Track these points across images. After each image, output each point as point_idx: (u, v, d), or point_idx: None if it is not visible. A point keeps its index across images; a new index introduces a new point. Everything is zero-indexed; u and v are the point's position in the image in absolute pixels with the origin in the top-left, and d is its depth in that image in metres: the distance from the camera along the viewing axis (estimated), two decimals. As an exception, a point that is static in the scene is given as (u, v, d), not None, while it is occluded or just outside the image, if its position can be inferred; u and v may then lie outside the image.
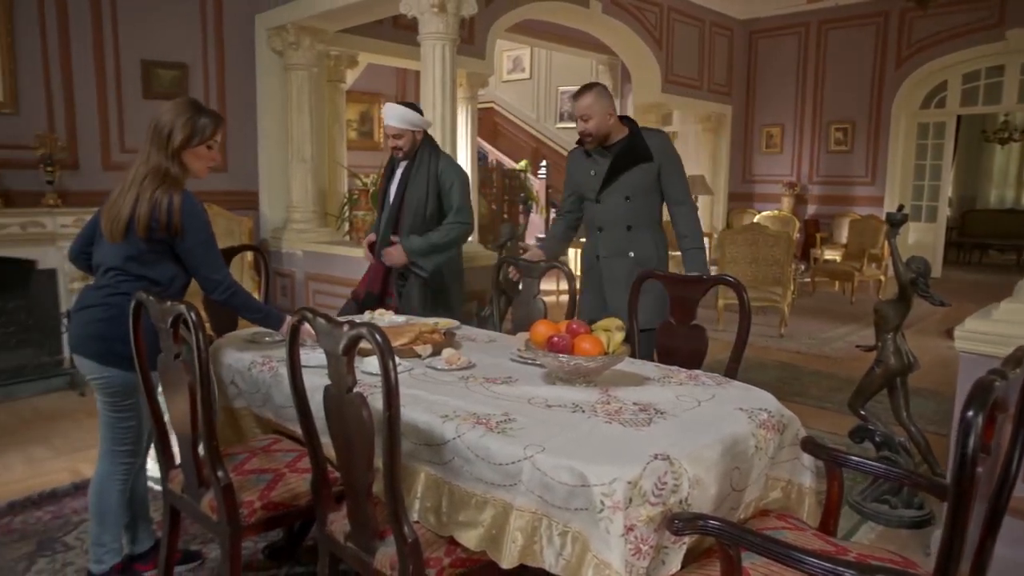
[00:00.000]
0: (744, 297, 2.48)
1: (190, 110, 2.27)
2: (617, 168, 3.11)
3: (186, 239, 2.24)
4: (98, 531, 2.33)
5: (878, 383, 2.99)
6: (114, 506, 2.33)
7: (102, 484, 2.32)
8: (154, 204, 2.18)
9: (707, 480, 1.59)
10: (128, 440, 2.32)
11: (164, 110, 2.28)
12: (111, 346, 2.23)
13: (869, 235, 8.85)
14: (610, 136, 3.12)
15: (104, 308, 2.26)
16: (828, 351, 6.04)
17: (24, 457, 3.55)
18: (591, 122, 3.07)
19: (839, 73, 10.21)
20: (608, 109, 3.07)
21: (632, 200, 3.14)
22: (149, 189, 2.20)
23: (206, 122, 2.29)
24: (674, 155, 3.18)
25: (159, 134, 2.24)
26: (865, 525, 2.88)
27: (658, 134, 3.20)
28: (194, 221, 2.24)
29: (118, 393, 2.27)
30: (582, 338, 1.99)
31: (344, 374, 1.60)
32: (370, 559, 1.74)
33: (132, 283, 2.25)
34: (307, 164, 5.94)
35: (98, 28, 5.26)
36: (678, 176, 3.16)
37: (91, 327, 2.26)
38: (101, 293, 2.28)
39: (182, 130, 2.24)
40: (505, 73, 13.02)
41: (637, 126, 3.16)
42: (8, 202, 4.74)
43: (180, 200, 2.21)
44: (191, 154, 2.28)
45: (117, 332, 2.21)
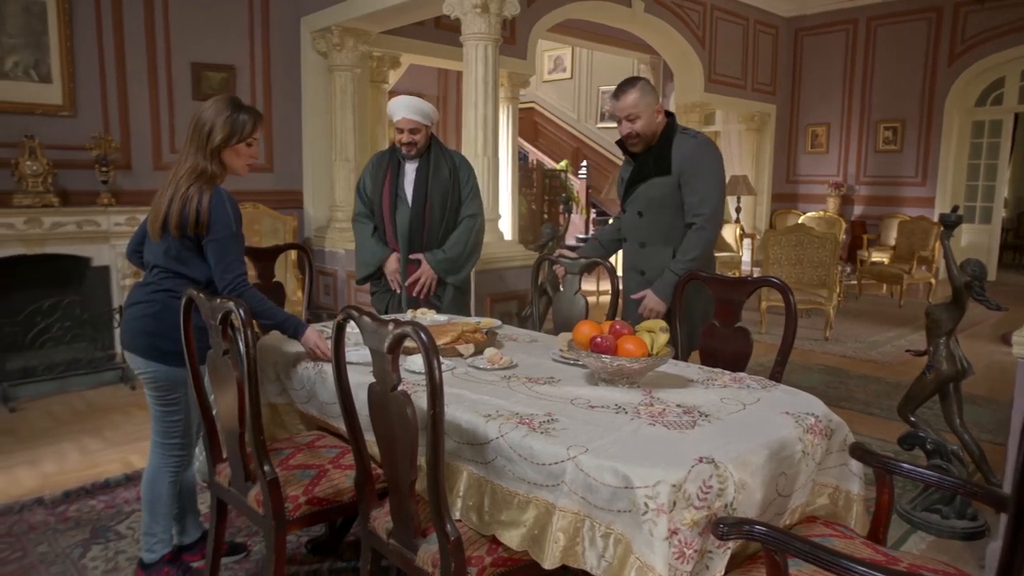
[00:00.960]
0: (791, 299, 2.43)
1: (229, 107, 2.28)
2: (634, 179, 2.84)
3: (209, 234, 2.23)
4: (149, 521, 2.39)
5: (930, 389, 2.91)
6: (165, 497, 2.39)
7: (154, 476, 2.39)
8: (184, 202, 2.20)
9: (753, 485, 1.57)
10: (176, 433, 2.38)
11: (204, 108, 2.29)
12: (155, 341, 2.28)
13: (919, 237, 8.61)
14: (656, 135, 2.77)
15: (148, 304, 2.31)
16: (875, 355, 5.90)
17: (78, 448, 3.67)
18: (639, 122, 2.72)
19: (888, 70, 9.95)
20: (656, 106, 2.73)
21: (645, 216, 2.85)
22: (183, 187, 2.22)
23: (245, 119, 2.29)
24: (699, 167, 2.73)
25: (199, 133, 2.25)
26: (915, 535, 2.81)
27: (690, 140, 2.77)
28: (220, 217, 2.23)
29: (164, 388, 2.32)
30: (625, 339, 1.98)
31: (389, 372, 1.61)
32: (412, 556, 1.76)
33: (173, 280, 2.30)
34: (350, 164, 6.02)
35: (151, 32, 5.41)
36: (696, 191, 2.73)
37: (137, 323, 2.32)
38: (147, 290, 2.33)
39: (222, 129, 2.25)
40: (546, 73, 13.00)
41: (673, 128, 2.81)
42: (65, 201, 4.91)
43: (209, 197, 2.22)
44: (231, 152, 2.29)
45: (160, 328, 2.26)
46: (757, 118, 10.52)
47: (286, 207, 6.17)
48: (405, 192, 3.30)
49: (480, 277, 4.47)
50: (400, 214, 3.31)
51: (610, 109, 2.95)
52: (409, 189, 3.30)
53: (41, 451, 3.61)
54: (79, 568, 2.53)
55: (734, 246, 9.18)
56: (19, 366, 4.51)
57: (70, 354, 4.70)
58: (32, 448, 3.65)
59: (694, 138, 2.78)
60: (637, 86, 2.73)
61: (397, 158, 3.33)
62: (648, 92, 2.74)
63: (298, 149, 6.33)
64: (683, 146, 2.74)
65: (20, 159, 4.71)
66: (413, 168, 3.31)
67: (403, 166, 3.33)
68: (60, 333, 4.67)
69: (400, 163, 3.33)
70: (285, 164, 6.25)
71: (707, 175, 2.75)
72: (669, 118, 2.82)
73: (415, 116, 3.18)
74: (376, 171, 3.37)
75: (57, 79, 4.98)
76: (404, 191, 3.30)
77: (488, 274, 4.52)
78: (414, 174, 3.30)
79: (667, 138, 2.76)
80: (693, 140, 2.77)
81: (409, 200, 3.29)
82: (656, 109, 2.74)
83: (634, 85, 2.74)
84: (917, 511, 2.87)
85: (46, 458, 3.52)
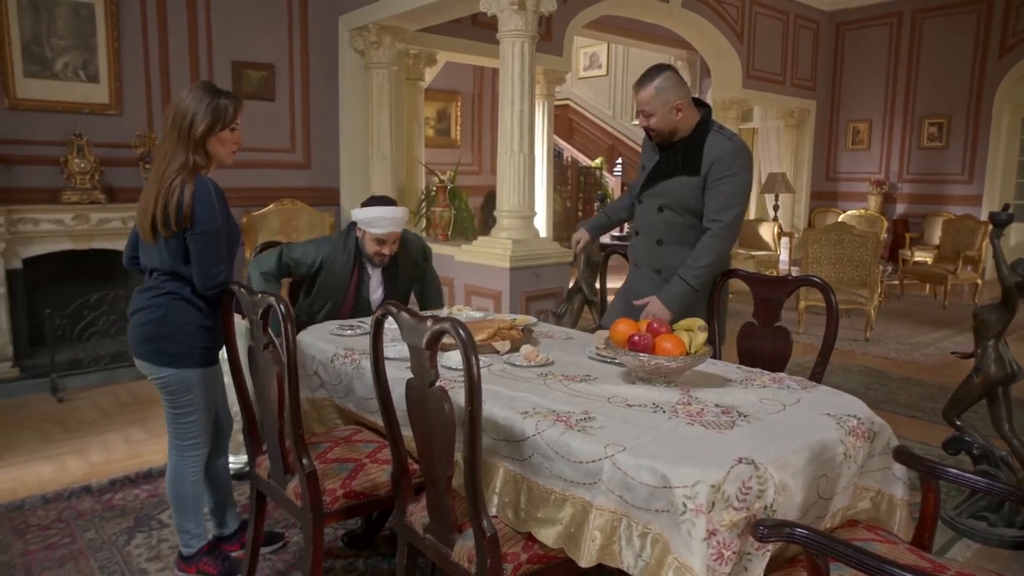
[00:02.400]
0: (832, 299, 2.39)
1: (208, 94, 2.17)
2: (657, 174, 2.70)
3: (193, 227, 2.15)
4: (180, 519, 2.41)
5: (977, 392, 2.83)
6: (189, 496, 2.39)
7: (175, 476, 2.38)
8: (167, 196, 2.12)
9: (793, 487, 1.54)
10: (191, 435, 2.35)
11: (181, 98, 2.18)
12: (162, 345, 2.24)
13: (965, 236, 8.38)
14: (678, 131, 2.63)
15: (152, 310, 2.26)
16: (918, 357, 5.76)
17: (123, 438, 3.76)
18: (652, 119, 2.61)
19: (934, 65, 9.69)
20: (674, 102, 2.56)
21: (665, 212, 2.70)
22: (167, 183, 2.14)
23: (227, 103, 2.19)
24: (729, 171, 2.57)
25: (180, 124, 2.15)
26: (960, 543, 2.74)
27: (726, 142, 2.60)
28: (204, 209, 2.14)
29: (176, 391, 2.29)
30: (663, 337, 1.96)
31: (427, 368, 1.62)
32: (448, 551, 1.77)
33: (174, 282, 2.25)
34: (386, 161, 6.07)
35: (193, 32, 5.52)
36: (720, 195, 2.59)
37: (141, 330, 2.28)
38: (148, 295, 2.29)
39: (204, 117, 2.15)
40: (581, 70, 12.95)
41: (708, 123, 2.63)
42: (111, 198, 5.04)
43: (192, 188, 2.13)
44: (215, 141, 2.20)
45: (166, 332, 2.24)
46: (796, 114, 10.34)
47: (323, 204, 6.25)
48: (371, 303, 3.12)
49: (515, 275, 4.47)
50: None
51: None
52: (375, 297, 3.13)
53: (88, 441, 3.72)
54: (124, 555, 2.60)
55: (771, 244, 9.04)
56: (67, 358, 4.65)
57: (115, 347, 4.83)
58: (79, 438, 3.76)
59: (730, 140, 2.62)
60: (655, 81, 2.57)
61: (360, 260, 3.09)
62: (666, 89, 2.57)
63: (335, 146, 6.40)
64: (716, 147, 2.59)
65: (69, 157, 4.85)
66: (378, 274, 3.14)
67: (365, 270, 3.11)
68: (106, 326, 4.79)
69: (363, 268, 3.11)
70: (322, 161, 6.33)
71: (735, 182, 2.59)
72: (704, 112, 2.66)
73: (400, 228, 3.02)
74: (340, 271, 3.05)
75: (104, 79, 5.12)
76: (369, 301, 3.12)
77: (523, 272, 4.52)
78: (380, 278, 3.15)
79: (700, 135, 2.61)
80: (729, 142, 2.61)
81: (374, 308, 3.07)
82: (675, 106, 2.57)
83: (652, 79, 2.58)
84: (963, 518, 2.79)
85: (93, 447, 3.62)
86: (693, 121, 2.63)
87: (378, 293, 3.14)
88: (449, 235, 5.68)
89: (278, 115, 6.05)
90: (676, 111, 2.58)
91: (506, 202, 4.56)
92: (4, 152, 4.74)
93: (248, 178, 5.64)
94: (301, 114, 6.18)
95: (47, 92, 4.91)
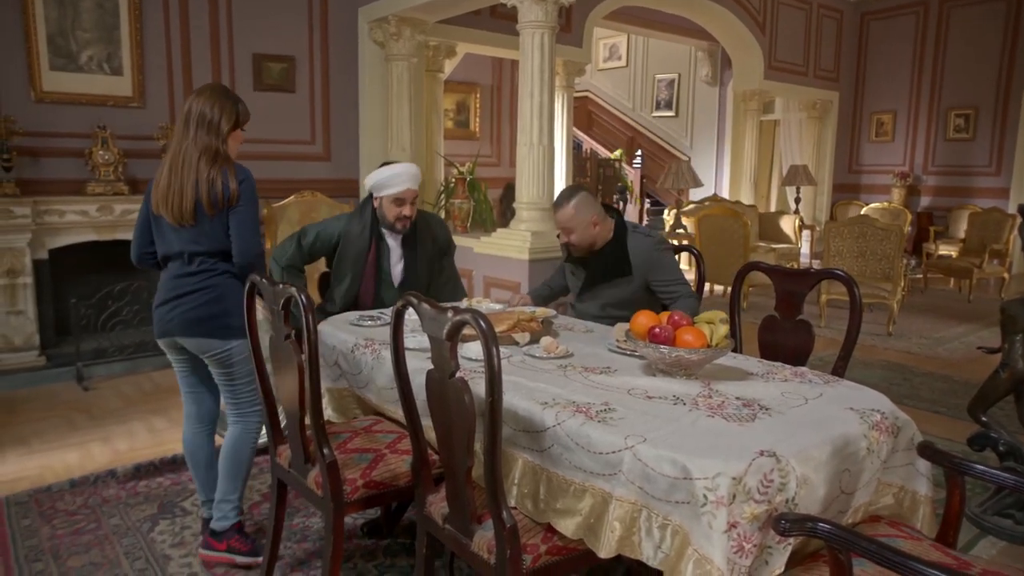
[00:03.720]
0: (856, 292, 2.37)
1: (227, 97, 2.39)
2: (592, 280, 2.93)
3: (238, 204, 2.34)
4: (226, 488, 2.48)
5: (1004, 388, 2.79)
6: (247, 462, 2.49)
7: (237, 444, 2.47)
8: (211, 182, 2.29)
9: (815, 481, 1.53)
10: (256, 400, 2.45)
11: (203, 100, 2.34)
12: (227, 321, 2.37)
13: (991, 229, 8.24)
14: (595, 243, 2.88)
15: (208, 291, 2.37)
16: (942, 352, 5.68)
17: (146, 427, 3.82)
18: (573, 235, 2.85)
19: (961, 55, 9.52)
20: (591, 218, 2.82)
21: (608, 310, 2.91)
22: (206, 170, 2.30)
23: (243, 107, 2.43)
24: (661, 260, 2.85)
25: (206, 122, 2.33)
26: (984, 540, 2.70)
27: (645, 239, 2.87)
28: (247, 188, 2.36)
29: (239, 361, 2.42)
30: (684, 330, 1.95)
31: (447, 359, 1.63)
32: (467, 542, 1.77)
33: (223, 263, 2.39)
34: (406, 153, 6.08)
35: (215, 25, 5.55)
36: (669, 278, 2.84)
37: (199, 311, 2.36)
38: (198, 279, 2.37)
39: (228, 118, 2.36)
40: (601, 61, 12.86)
41: (624, 228, 2.89)
42: (134, 190, 5.09)
43: (235, 172, 2.34)
44: (232, 138, 2.41)
45: (228, 307, 2.36)
46: (819, 106, 10.21)
47: (343, 195, 6.26)
48: (392, 276, 3.08)
49: (534, 267, 4.47)
50: (387, 295, 3.08)
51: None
52: (396, 271, 3.08)
53: (112, 429, 3.78)
54: (148, 541, 2.64)
55: (792, 238, 8.95)
56: (92, 347, 4.72)
57: (138, 336, 4.89)
58: (104, 426, 3.82)
59: (647, 236, 2.91)
60: (572, 201, 2.81)
61: (379, 231, 3.03)
62: (583, 208, 2.81)
63: (355, 138, 6.42)
64: (639, 244, 2.85)
65: (93, 149, 4.91)
66: (397, 244, 3.07)
67: (386, 243, 3.06)
68: (129, 316, 4.86)
69: (381, 240, 3.04)
70: (342, 153, 6.36)
71: (668, 266, 2.87)
72: (616, 217, 2.91)
73: (417, 184, 2.99)
74: (357, 242, 3.03)
75: (127, 72, 5.17)
76: (390, 274, 3.08)
77: (542, 264, 4.51)
78: (400, 252, 3.07)
79: (620, 239, 2.87)
80: (647, 239, 2.89)
81: (395, 282, 3.08)
82: (592, 221, 2.82)
83: (570, 201, 2.82)
84: (988, 515, 2.76)
85: (117, 436, 3.68)
86: (608, 229, 2.89)
87: (399, 267, 3.08)
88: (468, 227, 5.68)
89: (298, 107, 6.08)
90: (593, 225, 2.84)
91: (525, 194, 4.55)
92: (30, 144, 4.81)
93: (268, 170, 5.67)
94: (321, 106, 6.21)
95: (72, 85, 4.97)
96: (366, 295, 3.06)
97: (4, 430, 3.75)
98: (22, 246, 4.55)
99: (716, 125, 11.23)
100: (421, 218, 3.13)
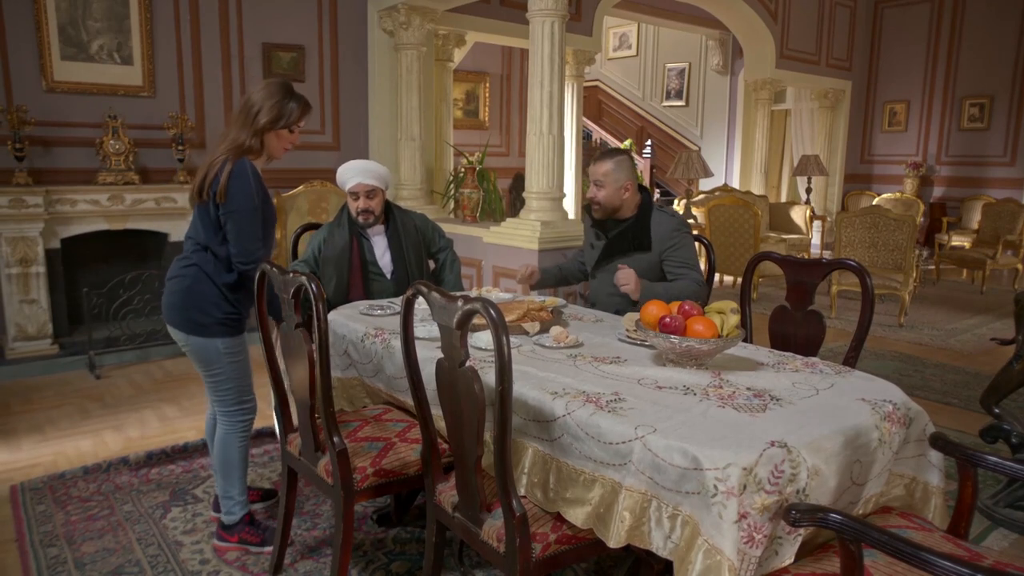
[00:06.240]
0: (868, 282, 2.35)
1: (281, 92, 2.34)
2: (611, 251, 2.92)
3: (226, 204, 2.25)
4: (224, 485, 2.49)
5: (1017, 380, 2.77)
6: (236, 460, 2.47)
7: (223, 441, 2.47)
8: (209, 168, 2.28)
9: (826, 471, 1.53)
10: (230, 400, 2.43)
11: (256, 89, 2.36)
12: (188, 314, 2.34)
13: (1005, 220, 8.17)
14: (620, 210, 2.89)
15: (180, 279, 2.38)
16: (954, 343, 5.64)
17: (158, 415, 3.85)
18: (602, 192, 2.85)
19: (977, 44, 9.40)
20: (624, 183, 2.83)
21: None
22: (216, 156, 2.29)
23: (294, 107, 2.36)
24: (681, 240, 2.85)
25: (247, 112, 2.32)
26: (995, 532, 2.69)
27: (669, 219, 2.88)
28: (238, 188, 2.24)
29: (203, 360, 2.38)
30: (695, 320, 1.94)
31: (457, 348, 1.63)
32: (477, 530, 1.78)
33: (201, 254, 2.35)
34: (415, 142, 6.07)
35: (224, 14, 5.55)
36: (682, 258, 2.83)
37: (173, 297, 2.38)
38: (179, 264, 2.40)
39: (269, 112, 2.31)
40: (611, 50, 12.78)
41: (650, 205, 2.91)
42: (145, 179, 5.12)
43: (231, 166, 2.25)
44: (273, 135, 2.36)
45: (192, 301, 2.33)
46: (831, 95, 10.12)
47: (352, 185, 6.27)
48: (380, 267, 3.13)
49: (544, 257, 4.46)
50: (377, 286, 3.13)
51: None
52: (383, 262, 3.13)
53: (124, 417, 3.81)
54: (160, 528, 2.66)
55: (803, 228, 8.89)
56: (104, 336, 4.75)
57: (149, 325, 4.92)
58: (116, 414, 3.85)
59: (672, 216, 2.91)
60: (614, 159, 2.85)
61: (357, 231, 3.11)
62: (621, 168, 2.84)
63: (364, 128, 6.42)
64: (662, 223, 2.86)
65: (104, 138, 4.93)
66: (381, 239, 3.14)
67: (367, 238, 3.12)
68: (140, 305, 4.88)
69: (361, 236, 3.12)
70: (352, 143, 6.35)
71: (685, 247, 2.86)
72: (644, 196, 2.92)
73: (370, 180, 3.02)
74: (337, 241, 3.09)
75: (138, 61, 5.18)
76: (378, 266, 3.12)
77: (551, 254, 4.50)
78: (385, 243, 3.14)
79: (645, 215, 2.88)
80: (672, 218, 2.90)
81: (387, 272, 3.13)
82: (624, 186, 2.84)
83: (611, 157, 2.86)
84: (1000, 507, 2.74)
85: (129, 424, 3.71)
86: (635, 203, 2.91)
87: (386, 258, 3.14)
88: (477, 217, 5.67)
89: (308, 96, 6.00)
90: (624, 190, 2.85)
91: (535, 184, 4.53)
92: (42, 134, 4.83)
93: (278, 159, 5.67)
94: (331, 95, 6.20)
95: (83, 74, 4.98)
96: (355, 290, 3.09)
97: (18, 418, 3.79)
98: (35, 235, 4.58)
99: (727, 114, 11.16)
100: (398, 211, 3.20)
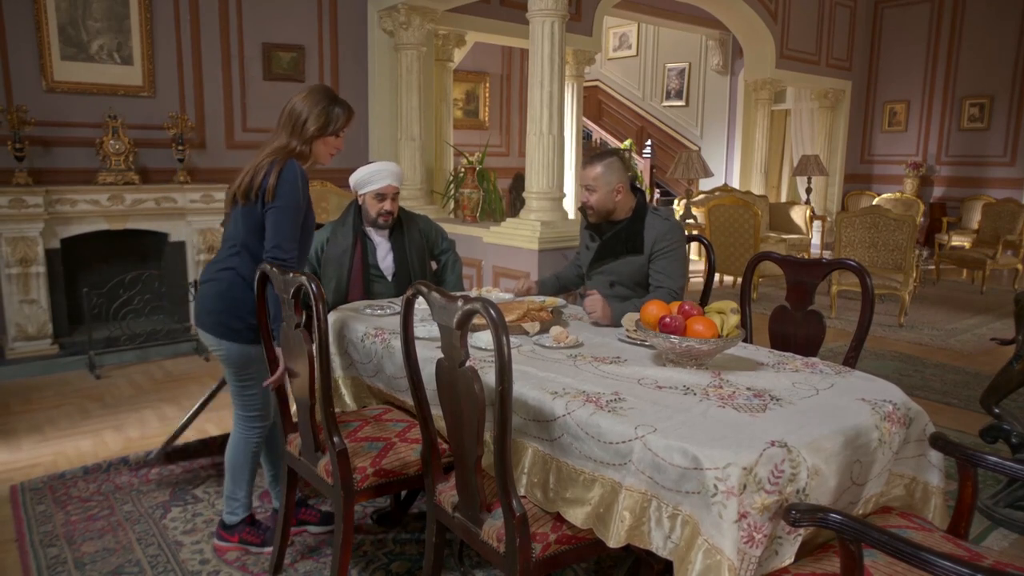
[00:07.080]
0: (868, 282, 2.35)
1: (325, 99, 2.33)
2: (603, 254, 2.87)
3: (273, 201, 2.24)
4: (232, 486, 2.48)
5: (1017, 380, 2.77)
6: (244, 465, 2.47)
7: (236, 445, 2.46)
8: (256, 170, 2.26)
9: (826, 471, 1.53)
10: (254, 407, 2.43)
11: (300, 98, 2.33)
12: (221, 319, 2.32)
13: (1005, 220, 8.17)
14: (614, 212, 2.81)
15: (216, 283, 2.35)
16: (954, 343, 5.64)
17: (158, 415, 3.85)
18: (594, 196, 2.78)
19: (977, 44, 9.40)
20: (616, 185, 2.75)
21: (616, 288, 2.85)
22: (265, 160, 2.28)
23: (339, 112, 2.36)
24: (672, 247, 2.74)
25: (294, 121, 2.30)
26: (996, 532, 2.69)
27: (663, 222, 2.78)
28: (288, 187, 2.24)
29: (235, 364, 2.37)
30: (695, 320, 1.94)
31: (457, 347, 1.63)
32: (477, 530, 1.78)
33: (238, 258, 2.33)
34: (415, 142, 6.07)
35: (224, 14, 5.55)
36: (666, 267, 2.73)
37: (207, 302, 2.37)
38: (214, 268, 2.38)
39: (316, 119, 2.30)
40: (611, 50, 12.78)
41: (645, 208, 2.82)
42: (145, 179, 5.12)
43: (281, 167, 2.25)
44: (321, 142, 2.35)
45: (226, 306, 2.31)
46: (831, 95, 10.12)
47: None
48: (381, 269, 3.09)
49: (544, 257, 4.46)
50: (377, 289, 3.09)
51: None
52: (385, 264, 3.10)
53: (124, 417, 3.81)
54: (160, 528, 2.66)
55: (803, 228, 8.89)
56: (104, 336, 4.75)
57: (149, 325, 4.93)
58: (116, 414, 3.85)
59: (666, 220, 2.84)
60: (604, 162, 2.76)
61: (362, 229, 3.06)
62: (611, 171, 2.75)
63: (364, 128, 6.42)
64: (656, 226, 2.78)
65: (104, 138, 4.93)
66: (384, 241, 3.09)
67: (370, 240, 3.08)
68: (140, 305, 4.88)
69: (366, 238, 3.07)
70: (352, 143, 6.35)
71: (676, 256, 2.78)
72: (639, 197, 2.86)
73: (398, 182, 3.01)
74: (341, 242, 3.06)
75: (138, 61, 5.18)
76: (380, 268, 3.09)
77: (551, 254, 4.50)
78: (388, 246, 3.10)
79: (639, 217, 2.82)
80: (666, 222, 2.82)
81: (388, 275, 3.10)
82: (616, 188, 2.76)
83: (601, 160, 2.78)
84: (1000, 507, 2.74)
85: (129, 423, 3.71)
86: (629, 205, 2.82)
87: (388, 260, 3.10)
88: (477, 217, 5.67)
89: (308, 97, 6.06)
90: (616, 192, 2.77)
91: (535, 184, 4.53)
92: (42, 134, 4.83)
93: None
94: (330, 96, 6.20)
95: (83, 75, 4.98)
96: (354, 291, 3.06)
97: (18, 418, 3.79)
98: (35, 235, 4.58)
99: (727, 114, 11.16)
100: (405, 214, 3.18)
